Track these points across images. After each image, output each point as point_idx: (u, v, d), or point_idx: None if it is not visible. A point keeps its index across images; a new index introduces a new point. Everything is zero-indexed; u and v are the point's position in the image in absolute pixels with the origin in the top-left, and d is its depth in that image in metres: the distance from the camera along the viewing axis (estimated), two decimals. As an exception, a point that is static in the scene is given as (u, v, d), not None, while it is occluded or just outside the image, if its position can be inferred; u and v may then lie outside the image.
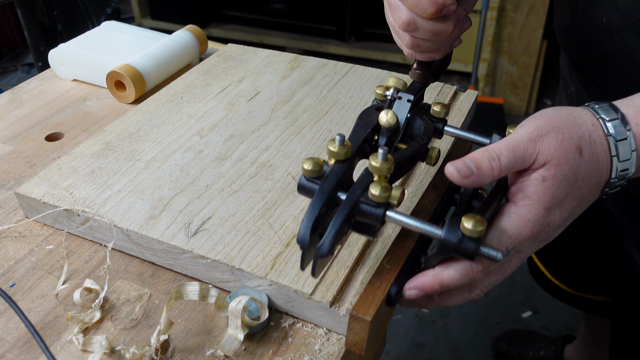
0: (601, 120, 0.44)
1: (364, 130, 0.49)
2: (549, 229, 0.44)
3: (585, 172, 0.43)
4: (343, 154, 0.44)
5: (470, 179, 0.41)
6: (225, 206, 0.59)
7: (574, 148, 0.42)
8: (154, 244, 0.55)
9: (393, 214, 0.43)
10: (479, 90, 2.51)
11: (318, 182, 0.44)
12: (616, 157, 0.44)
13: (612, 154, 0.44)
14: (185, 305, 0.53)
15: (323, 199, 0.42)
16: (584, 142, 0.43)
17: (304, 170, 0.44)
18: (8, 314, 0.52)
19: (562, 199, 0.43)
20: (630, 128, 0.44)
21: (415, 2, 0.48)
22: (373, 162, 0.43)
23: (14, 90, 0.88)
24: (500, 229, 0.42)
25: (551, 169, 0.42)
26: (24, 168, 0.71)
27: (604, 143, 0.44)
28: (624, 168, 0.44)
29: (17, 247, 0.59)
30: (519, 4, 2.28)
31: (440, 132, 0.55)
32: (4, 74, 2.73)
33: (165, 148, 0.68)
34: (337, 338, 0.50)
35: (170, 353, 0.49)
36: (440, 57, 0.54)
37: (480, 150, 0.42)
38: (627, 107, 0.45)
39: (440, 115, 0.54)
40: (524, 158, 0.42)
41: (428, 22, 0.49)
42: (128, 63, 0.82)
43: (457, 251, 0.40)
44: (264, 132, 0.71)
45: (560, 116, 0.44)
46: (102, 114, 0.82)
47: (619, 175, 0.44)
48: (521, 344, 1.45)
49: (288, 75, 0.83)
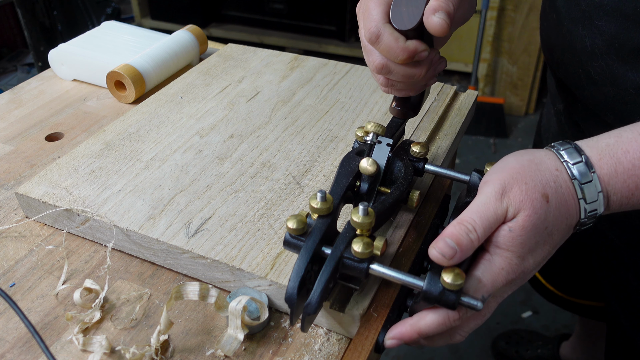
0: (565, 164, 0.45)
1: (346, 178, 0.51)
2: (524, 275, 0.45)
3: (554, 218, 0.44)
4: (325, 210, 0.46)
5: (455, 258, 0.42)
6: (225, 206, 0.59)
7: (539, 196, 0.43)
8: (154, 243, 0.55)
9: (376, 267, 0.45)
10: (479, 90, 2.51)
11: (303, 239, 0.46)
12: (583, 200, 0.44)
13: (579, 196, 0.44)
14: (185, 305, 0.53)
15: (308, 257, 0.44)
16: (550, 189, 0.44)
17: (288, 228, 0.45)
18: (8, 314, 0.52)
19: (534, 246, 0.44)
20: (594, 170, 0.44)
21: (387, 48, 0.48)
22: (355, 218, 0.44)
23: (14, 90, 0.88)
24: (476, 278, 0.43)
25: (519, 219, 0.43)
26: (24, 168, 0.71)
27: (570, 186, 0.44)
28: (592, 209, 0.45)
29: (17, 247, 0.59)
30: (519, 4, 2.28)
31: (420, 171, 0.56)
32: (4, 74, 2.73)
33: (165, 148, 0.68)
34: (337, 338, 0.50)
35: (170, 353, 0.49)
36: (417, 93, 0.56)
37: (455, 225, 0.43)
38: (592, 149, 0.45)
39: (420, 155, 0.56)
40: (497, 218, 0.43)
41: (401, 66, 0.50)
42: (128, 63, 0.82)
43: (439, 302, 0.42)
44: (264, 132, 0.71)
45: (523, 165, 0.45)
46: (102, 114, 0.82)
47: (588, 215, 0.45)
48: (520, 342, 1.46)
49: (288, 75, 0.83)
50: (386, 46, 0.48)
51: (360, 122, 0.72)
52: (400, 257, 0.54)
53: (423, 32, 0.48)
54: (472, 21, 2.41)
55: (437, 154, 0.67)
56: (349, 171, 0.51)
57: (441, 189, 0.63)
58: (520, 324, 1.59)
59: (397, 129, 0.56)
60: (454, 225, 0.43)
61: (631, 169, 0.44)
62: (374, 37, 0.48)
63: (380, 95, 0.78)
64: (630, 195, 0.45)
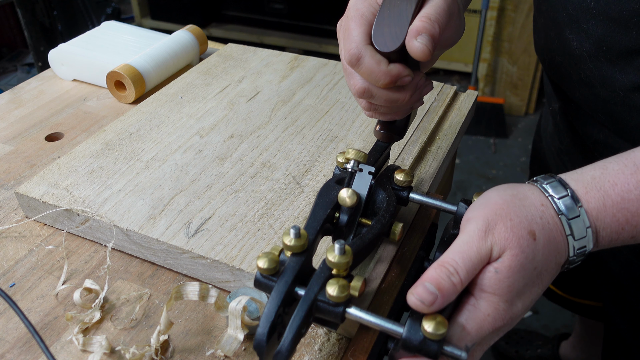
0: (550, 199, 0.42)
1: (324, 210, 0.47)
2: (512, 320, 0.41)
3: (543, 256, 0.41)
4: (299, 247, 0.42)
5: (436, 304, 0.38)
6: (225, 206, 0.59)
7: (526, 234, 0.40)
8: (154, 243, 0.55)
9: (353, 312, 0.41)
10: (479, 90, 2.51)
11: (274, 279, 0.42)
12: (571, 236, 0.42)
13: (567, 232, 0.41)
14: (185, 305, 0.53)
15: (279, 300, 0.40)
16: (536, 225, 0.41)
17: (258, 268, 0.42)
18: (8, 314, 0.52)
19: (522, 288, 0.40)
20: (581, 205, 0.41)
21: (368, 72, 0.45)
22: (330, 257, 0.41)
23: (14, 90, 0.88)
24: (460, 325, 0.40)
25: (505, 259, 0.40)
26: (24, 168, 0.71)
27: (557, 222, 0.41)
28: (580, 246, 0.42)
29: (17, 247, 0.59)
30: (519, 4, 2.28)
31: (405, 200, 0.53)
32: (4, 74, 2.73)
33: (165, 148, 0.68)
34: (337, 338, 0.50)
35: (170, 353, 0.49)
36: (402, 117, 0.53)
37: (436, 267, 0.39)
38: (577, 182, 0.43)
39: (404, 184, 0.52)
40: (481, 258, 0.40)
41: (383, 91, 0.47)
42: (128, 63, 0.82)
43: (419, 351, 0.39)
44: (264, 132, 0.71)
45: (506, 201, 0.42)
46: (102, 114, 0.82)
47: (577, 252, 0.42)
48: (519, 342, 1.46)
49: (288, 75, 0.83)
50: (367, 69, 0.45)
51: (360, 122, 0.72)
52: (382, 294, 0.51)
53: (407, 54, 0.45)
54: (472, 21, 2.41)
55: (437, 154, 0.67)
56: (327, 202, 0.48)
57: (427, 218, 0.59)
58: (520, 324, 1.59)
59: (381, 153, 0.53)
60: (434, 267, 0.39)
61: (620, 202, 0.41)
62: (355, 60, 0.45)
63: (380, 95, 0.78)
64: (620, 230, 0.42)
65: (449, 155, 0.69)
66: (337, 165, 0.54)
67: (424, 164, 0.66)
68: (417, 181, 0.63)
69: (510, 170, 2.18)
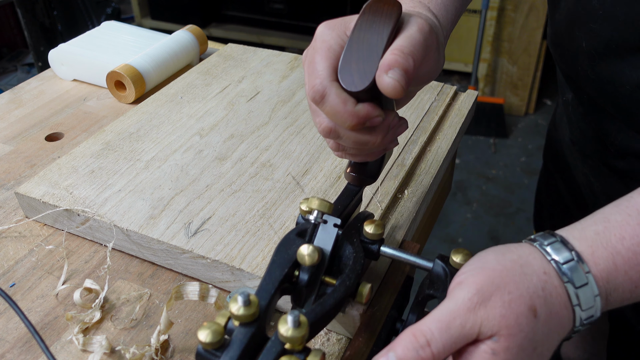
0: (554, 263, 0.37)
1: (280, 270, 0.41)
2: None
3: (544, 335, 0.35)
4: (249, 317, 0.36)
5: None
6: (225, 206, 0.59)
7: (526, 310, 0.35)
8: (154, 243, 0.55)
9: None
10: (479, 90, 2.51)
11: (218, 354, 0.36)
12: (578, 307, 0.36)
13: (574, 303, 0.36)
14: (185, 305, 0.53)
15: None
16: (538, 299, 0.35)
17: (200, 342, 0.36)
18: (8, 314, 0.52)
19: None
20: (589, 270, 0.36)
21: (333, 112, 0.40)
22: (282, 331, 0.35)
23: (14, 90, 0.88)
24: None
25: (501, 341, 0.34)
26: (24, 168, 0.71)
27: (561, 293, 0.36)
28: (588, 316, 0.37)
29: (17, 247, 0.59)
30: (519, 4, 2.28)
31: (375, 255, 0.48)
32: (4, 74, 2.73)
33: (165, 148, 0.68)
34: (337, 338, 0.50)
35: (170, 353, 0.49)
36: (374, 159, 0.49)
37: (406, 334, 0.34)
38: (580, 241, 0.38)
39: (375, 237, 0.47)
40: (463, 335, 0.34)
41: (352, 132, 0.42)
42: (128, 63, 0.82)
43: None
44: (264, 132, 0.71)
45: (505, 267, 0.36)
46: (102, 114, 0.82)
47: (584, 323, 0.37)
48: None
49: (288, 75, 0.83)
50: (332, 109, 0.40)
51: (360, 122, 0.72)
52: None
53: (378, 91, 0.40)
54: (472, 21, 2.41)
55: (437, 154, 0.67)
56: (285, 260, 0.42)
57: (402, 272, 0.54)
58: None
59: (351, 198, 0.48)
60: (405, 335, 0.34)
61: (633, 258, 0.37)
62: (318, 97, 0.40)
63: (380, 95, 0.78)
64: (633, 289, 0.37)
65: (449, 155, 0.69)
66: (300, 214, 0.48)
67: (423, 164, 0.66)
68: (416, 181, 0.63)
69: (510, 170, 2.18)
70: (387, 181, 0.62)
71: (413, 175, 0.64)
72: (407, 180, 0.63)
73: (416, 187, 0.62)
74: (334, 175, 0.63)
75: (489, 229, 1.90)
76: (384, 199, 0.60)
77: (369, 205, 0.59)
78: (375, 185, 0.61)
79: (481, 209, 1.97)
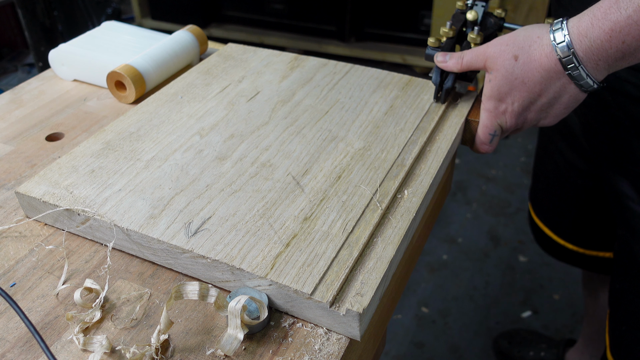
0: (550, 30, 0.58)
1: (458, 23, 0.76)
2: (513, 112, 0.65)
3: (523, 71, 0.60)
4: (452, 33, 0.73)
5: (443, 64, 0.70)
6: (225, 206, 0.59)
7: (510, 57, 0.60)
8: (154, 243, 0.55)
9: None
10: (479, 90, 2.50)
11: (438, 49, 0.72)
12: (554, 43, 0.57)
13: (552, 40, 0.58)
14: (185, 305, 0.53)
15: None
16: (521, 51, 0.60)
17: (429, 42, 0.72)
18: (8, 313, 0.52)
19: (509, 91, 0.63)
20: (566, 24, 0.57)
21: None
22: (471, 35, 0.72)
23: (14, 90, 0.88)
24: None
25: (492, 72, 0.63)
26: (24, 168, 0.71)
27: (543, 45, 0.58)
28: (562, 50, 0.57)
29: (18, 247, 0.59)
30: (519, 4, 2.28)
31: (501, 26, 0.77)
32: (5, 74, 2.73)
33: (165, 147, 0.68)
34: (337, 338, 0.50)
35: (171, 353, 0.49)
36: None
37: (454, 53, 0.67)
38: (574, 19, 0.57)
39: (502, 15, 0.76)
40: (477, 56, 0.65)
41: None
42: (128, 63, 0.82)
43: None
44: (264, 132, 0.71)
45: (520, 34, 0.61)
46: (102, 114, 0.82)
47: (566, 59, 0.57)
48: (522, 343, 1.45)
49: (288, 75, 0.83)
50: None
51: (360, 122, 0.72)
52: None
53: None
54: (472, 21, 2.41)
55: (437, 154, 0.67)
56: (459, 20, 0.76)
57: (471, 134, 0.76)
58: (520, 324, 1.59)
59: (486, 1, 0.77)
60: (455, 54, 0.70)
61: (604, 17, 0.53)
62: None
63: (380, 95, 0.78)
64: (609, 38, 0.53)
65: (449, 155, 0.69)
66: (457, 7, 0.77)
67: (424, 164, 0.66)
68: (416, 181, 0.63)
69: (510, 170, 2.18)
70: (387, 181, 0.62)
71: (413, 175, 0.64)
72: (407, 180, 0.63)
73: (416, 187, 0.62)
74: (334, 175, 0.63)
75: (488, 229, 1.90)
76: (384, 199, 0.60)
77: (369, 205, 0.59)
78: (375, 186, 0.61)
79: (481, 209, 1.97)
